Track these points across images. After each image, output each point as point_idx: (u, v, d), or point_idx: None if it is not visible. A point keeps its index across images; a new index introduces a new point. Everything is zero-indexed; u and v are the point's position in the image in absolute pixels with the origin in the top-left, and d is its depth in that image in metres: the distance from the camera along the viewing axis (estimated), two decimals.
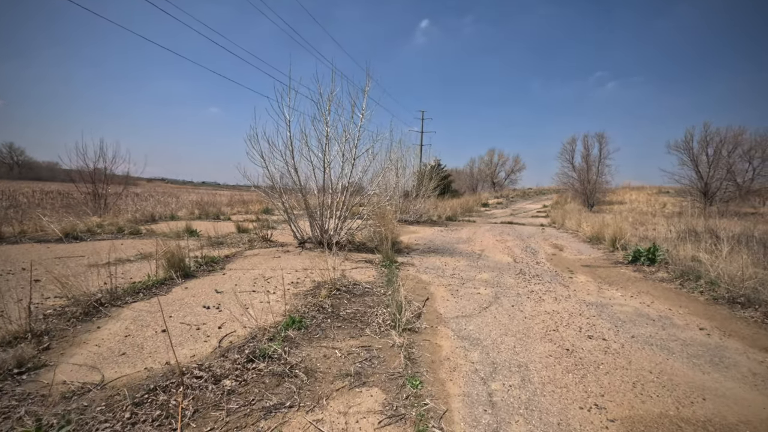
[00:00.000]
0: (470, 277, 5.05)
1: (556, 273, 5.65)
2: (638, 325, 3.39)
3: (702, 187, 19.98)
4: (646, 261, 6.36)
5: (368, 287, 4.19)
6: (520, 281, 4.97)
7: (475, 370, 2.36)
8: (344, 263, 5.58)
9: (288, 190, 6.93)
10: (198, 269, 4.73)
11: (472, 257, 6.70)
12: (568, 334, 3.09)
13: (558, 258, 7.04)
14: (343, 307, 3.42)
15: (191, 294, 3.69)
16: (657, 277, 5.55)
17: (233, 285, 4.07)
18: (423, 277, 4.93)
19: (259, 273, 4.74)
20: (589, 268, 6.16)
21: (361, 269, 5.25)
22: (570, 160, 28.67)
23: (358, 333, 2.86)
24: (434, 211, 15.58)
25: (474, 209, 21.60)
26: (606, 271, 5.97)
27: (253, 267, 5.11)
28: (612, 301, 4.18)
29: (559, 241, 9.41)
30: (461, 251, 7.33)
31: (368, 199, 7.17)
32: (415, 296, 4.00)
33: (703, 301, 4.34)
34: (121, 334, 2.66)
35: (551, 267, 6.12)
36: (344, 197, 6.88)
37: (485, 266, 5.91)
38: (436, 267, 5.67)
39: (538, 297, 4.21)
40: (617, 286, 4.95)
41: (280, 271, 4.91)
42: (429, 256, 6.60)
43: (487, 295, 4.22)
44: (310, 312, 3.20)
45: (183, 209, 14.64)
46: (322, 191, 6.66)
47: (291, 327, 2.81)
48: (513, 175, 45.37)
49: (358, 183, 6.97)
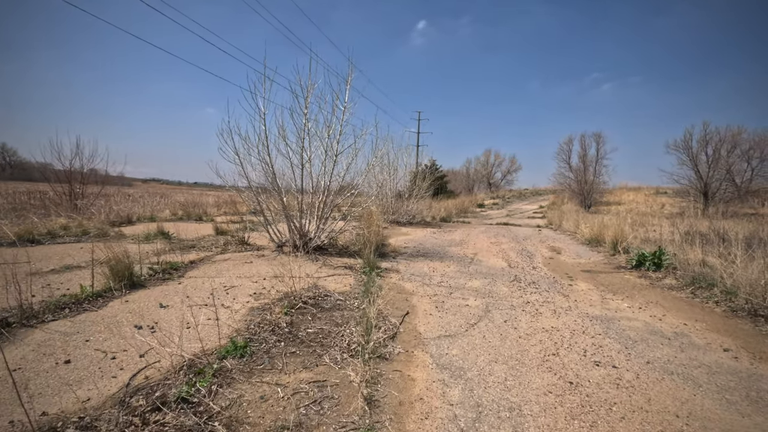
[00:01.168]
0: (459, 286, 4.53)
1: (554, 280, 5.14)
2: (652, 345, 2.88)
3: (701, 188, 19.60)
4: (651, 266, 5.87)
5: (340, 299, 3.65)
6: (514, 290, 4.45)
7: (453, 416, 1.83)
8: (321, 270, 5.05)
9: (266, 190, 6.39)
10: (151, 278, 4.17)
11: (463, 262, 6.18)
12: (571, 359, 2.57)
13: (556, 262, 6.54)
14: (305, 326, 2.89)
15: (129, 310, 3.14)
16: (665, 284, 5.06)
17: (184, 297, 3.52)
18: (406, 286, 4.40)
19: (222, 282, 4.19)
20: (589, 274, 5.66)
21: (338, 277, 4.71)
22: (567, 160, 28.31)
23: (314, 361, 2.33)
24: (428, 212, 15.07)
25: (469, 210, 21.12)
26: (608, 277, 5.47)
27: (217, 274, 4.56)
28: (618, 315, 3.67)
29: (557, 244, 8.92)
30: (452, 255, 6.82)
31: (351, 199, 6.64)
32: (394, 310, 3.47)
33: (720, 313, 3.84)
34: (11, 366, 2.11)
35: (549, 273, 5.61)
36: (325, 197, 6.34)
37: (477, 272, 5.39)
38: (423, 273, 5.14)
39: (534, 309, 3.69)
40: (622, 295, 4.45)
41: (247, 279, 4.37)
42: (417, 261, 6.08)
43: (476, 307, 3.69)
44: (261, 333, 2.67)
45: (166, 210, 14.05)
46: (300, 190, 6.12)
47: (231, 354, 2.28)
48: (509, 175, 45.03)
49: (340, 182, 6.44)
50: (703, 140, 19.64)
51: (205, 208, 14.98)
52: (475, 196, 30.75)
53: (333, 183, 6.43)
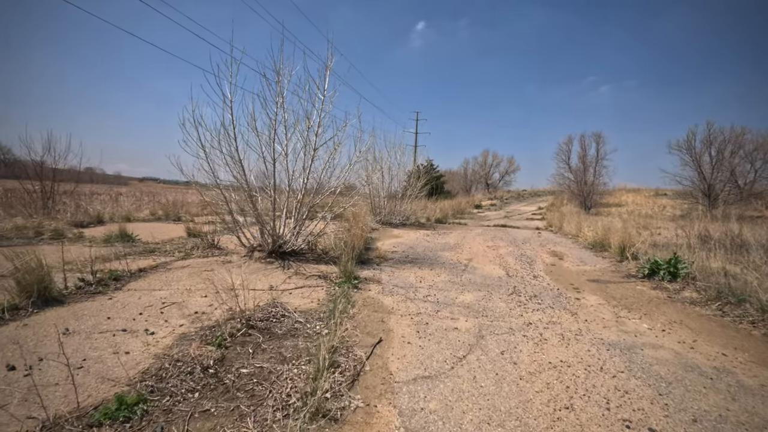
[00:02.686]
0: (449, 300, 3.86)
1: (558, 292, 4.47)
2: (693, 390, 2.21)
3: (705, 189, 19.04)
4: (666, 275, 5.21)
5: (300, 321, 2.97)
6: (513, 306, 3.78)
7: None
8: (289, 280, 4.36)
9: (237, 188, 5.69)
10: (79, 291, 3.48)
11: (456, 269, 5.51)
12: (591, 416, 1.90)
13: (558, 270, 5.88)
14: (240, 364, 2.20)
15: (18, 338, 2.44)
16: (685, 297, 4.40)
17: (104, 319, 2.83)
18: (386, 302, 3.72)
19: (164, 296, 3.50)
20: (597, 285, 5.00)
21: (307, 289, 4.03)
22: (566, 160, 27.76)
23: (231, 427, 1.64)
24: (423, 212, 14.40)
25: (466, 211, 20.48)
26: (619, 288, 4.81)
27: (164, 286, 3.87)
28: (640, 340, 3.00)
29: (558, 248, 8.27)
30: (445, 261, 6.15)
31: (332, 199, 5.96)
32: (363, 336, 2.79)
33: (761, 338, 3.18)
34: None
35: (552, 283, 4.95)
36: (302, 196, 5.66)
37: (471, 282, 4.72)
38: (408, 284, 4.46)
39: (538, 334, 3.02)
40: (639, 312, 3.79)
41: (197, 293, 3.68)
42: (403, 268, 5.40)
43: (467, 331, 3.02)
44: (173, 377, 1.98)
45: (146, 210, 13.34)
46: (272, 188, 5.43)
47: (111, 418, 1.60)
48: (507, 176, 44.43)
49: (318, 179, 5.76)
50: (707, 140, 19.09)
51: (189, 207, 14.26)
52: (472, 197, 30.12)
53: (311, 181, 5.76)
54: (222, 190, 5.39)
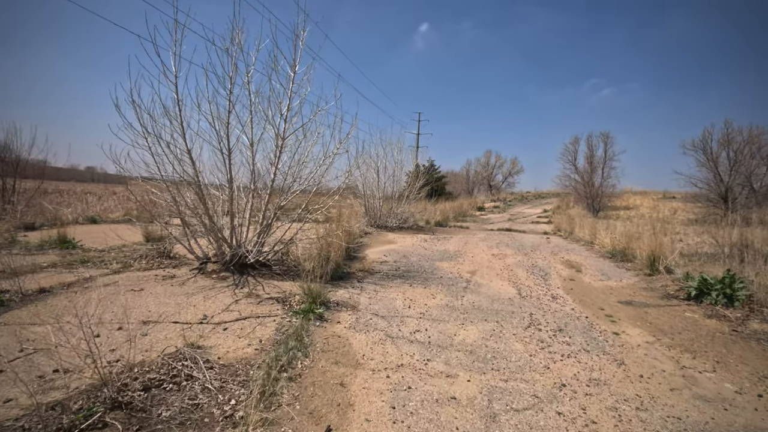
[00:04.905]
0: (445, 340, 2.81)
1: (588, 323, 3.42)
2: None
3: (722, 192, 17.88)
4: (720, 298, 4.14)
5: (210, 389, 1.92)
6: (534, 348, 2.73)
7: None
8: (236, 305, 3.31)
9: (189, 185, 4.66)
10: None
11: (456, 286, 4.47)
12: None
13: (580, 286, 4.82)
14: None
15: None
16: (756, 332, 3.33)
17: None
18: (356, 344, 2.67)
19: (34, 338, 2.47)
20: (634, 309, 3.95)
21: (253, 321, 2.98)
22: (572, 161, 26.60)
23: None
24: (422, 215, 13.34)
25: (468, 213, 19.41)
26: (663, 315, 3.75)
27: (55, 318, 2.84)
28: (734, 417, 1.95)
29: (573, 257, 7.21)
30: (443, 274, 5.10)
31: (305, 199, 4.90)
32: (303, 419, 1.74)
33: None
34: None
35: (576, 307, 3.89)
36: (268, 196, 4.63)
37: (475, 307, 3.67)
38: (393, 311, 3.41)
39: (579, 410, 1.97)
40: (706, 358, 2.73)
41: (94, 328, 2.64)
42: (391, 286, 4.35)
43: (470, 405, 1.97)
44: None
45: (122, 210, 12.36)
46: (229, 185, 4.40)
47: None
48: (510, 177, 43.22)
49: (295, 174, 4.71)
50: (725, 140, 17.94)
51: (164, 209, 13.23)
52: (474, 199, 29.03)
53: (280, 177, 4.73)
54: (166, 186, 4.35)
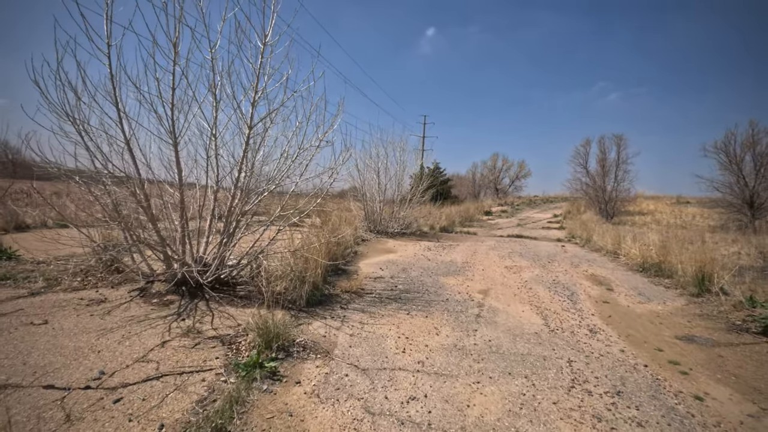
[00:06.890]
0: (451, 421, 1.87)
1: (653, 378, 2.46)
2: None
3: (747, 197, 16.73)
4: None
5: None
6: None
7: None
8: (161, 349, 2.40)
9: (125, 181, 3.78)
10: None
11: (465, 313, 3.52)
12: None
13: (618, 312, 3.85)
14: None
15: None
16: None
17: None
18: (313, 430, 1.74)
19: None
20: (701, 350, 2.98)
21: (173, 380, 2.06)
22: (584, 164, 25.55)
23: None
24: (426, 220, 12.38)
25: (475, 218, 18.41)
26: (747, 362, 2.77)
27: None
28: None
29: (597, 270, 6.22)
30: (449, 296, 4.15)
31: (278, 202, 4.00)
32: None
33: None
34: None
35: (626, 347, 2.93)
36: (231, 198, 3.73)
37: (492, 350, 2.72)
38: (379, 363, 2.47)
39: None
40: None
41: None
42: (382, 315, 3.41)
43: None
44: None
45: None
46: (179, 184, 3.51)
47: None
48: (518, 181, 42.04)
49: (258, 172, 3.82)
50: (749, 142, 16.80)
51: None
52: (481, 203, 28.00)
53: (247, 175, 3.82)
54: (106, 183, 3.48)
